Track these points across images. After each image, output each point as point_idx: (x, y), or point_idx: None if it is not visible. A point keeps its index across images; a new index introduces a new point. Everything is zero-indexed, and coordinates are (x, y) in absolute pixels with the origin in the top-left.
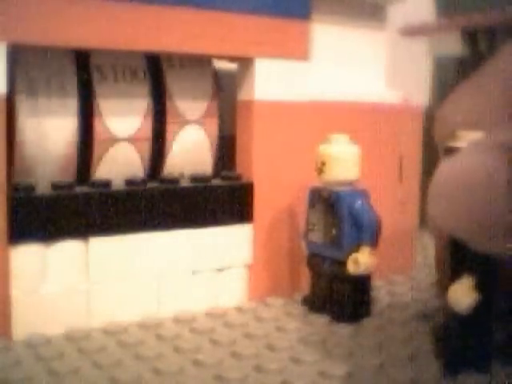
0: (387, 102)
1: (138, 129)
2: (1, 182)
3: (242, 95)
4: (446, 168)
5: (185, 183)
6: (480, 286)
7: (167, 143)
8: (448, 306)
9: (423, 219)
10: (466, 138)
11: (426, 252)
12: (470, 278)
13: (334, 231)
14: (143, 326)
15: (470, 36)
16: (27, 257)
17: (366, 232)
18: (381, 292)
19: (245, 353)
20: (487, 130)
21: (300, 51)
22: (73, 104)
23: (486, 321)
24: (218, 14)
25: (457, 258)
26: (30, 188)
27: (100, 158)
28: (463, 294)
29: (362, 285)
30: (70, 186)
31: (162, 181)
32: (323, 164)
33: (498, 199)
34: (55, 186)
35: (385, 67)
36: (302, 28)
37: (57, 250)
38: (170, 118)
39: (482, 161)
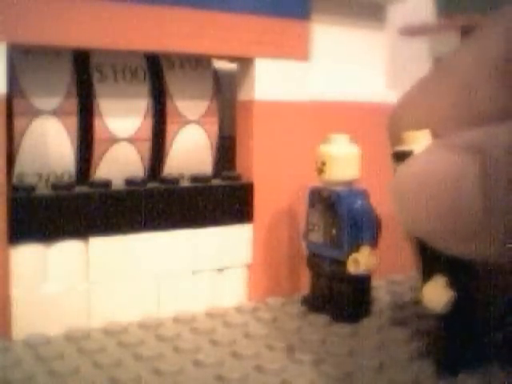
0: (387, 101)
1: (138, 129)
2: (1, 183)
3: (242, 95)
4: (411, 170)
5: (185, 183)
6: (454, 284)
7: (167, 143)
8: (424, 306)
9: None
10: (414, 140)
11: None
12: (443, 277)
13: (334, 231)
14: (143, 325)
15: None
16: (27, 257)
17: (366, 232)
18: (381, 292)
19: (245, 353)
20: (445, 131)
21: (300, 51)
22: (73, 104)
23: (471, 318)
24: (217, 14)
25: (426, 258)
26: (30, 188)
27: (100, 158)
28: (437, 294)
29: (362, 285)
30: (69, 186)
31: (162, 181)
32: (323, 164)
33: (468, 202)
34: (55, 186)
35: (385, 67)
36: (302, 28)
37: (57, 250)
38: (169, 118)
39: (450, 163)
